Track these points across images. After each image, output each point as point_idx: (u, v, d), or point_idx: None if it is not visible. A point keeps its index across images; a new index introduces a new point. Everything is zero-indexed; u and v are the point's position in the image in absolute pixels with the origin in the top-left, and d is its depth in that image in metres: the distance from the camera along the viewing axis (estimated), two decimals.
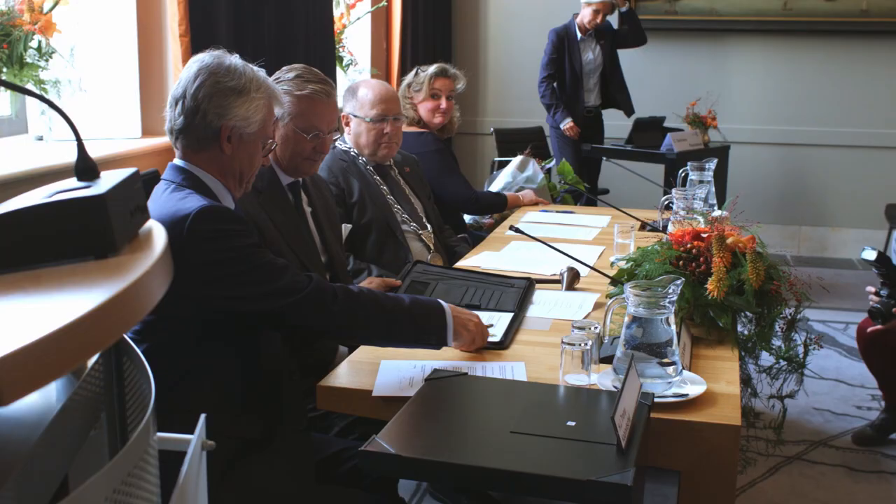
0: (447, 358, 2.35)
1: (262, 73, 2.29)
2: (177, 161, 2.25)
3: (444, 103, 4.52)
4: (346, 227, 3.31)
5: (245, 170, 2.28)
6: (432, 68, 4.57)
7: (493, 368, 2.28)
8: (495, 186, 5.15)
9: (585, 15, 6.63)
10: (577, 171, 6.65)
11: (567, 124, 6.57)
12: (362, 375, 2.27)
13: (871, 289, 3.66)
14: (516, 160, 5.34)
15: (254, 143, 2.26)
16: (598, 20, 6.62)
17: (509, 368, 2.28)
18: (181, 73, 2.25)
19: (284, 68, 2.96)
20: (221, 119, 2.18)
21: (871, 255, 3.54)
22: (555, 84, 6.69)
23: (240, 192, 2.32)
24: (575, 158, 6.64)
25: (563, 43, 6.65)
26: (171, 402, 1.48)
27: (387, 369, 2.27)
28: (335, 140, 3.04)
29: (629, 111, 6.82)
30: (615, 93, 6.83)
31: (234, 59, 2.24)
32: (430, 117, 4.54)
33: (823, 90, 7.29)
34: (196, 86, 2.17)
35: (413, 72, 4.61)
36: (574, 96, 6.68)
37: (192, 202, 2.05)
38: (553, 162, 5.76)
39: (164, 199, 2.11)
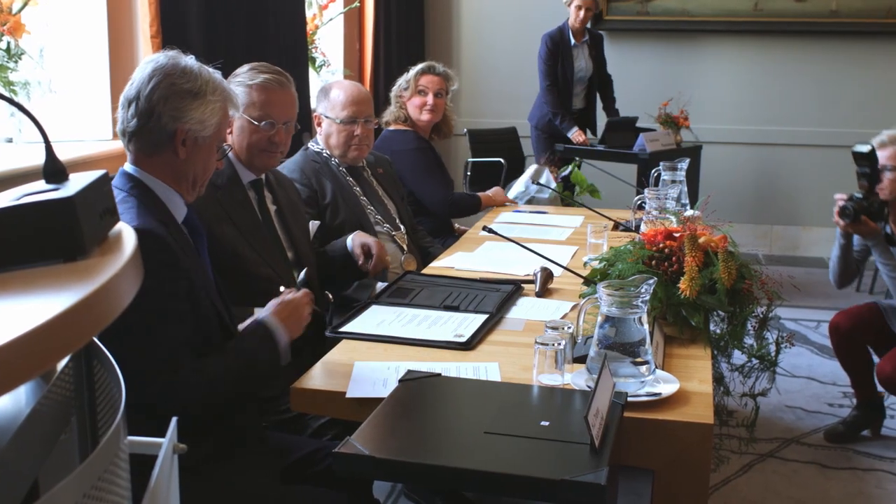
0: (421, 359, 2.36)
1: (217, 74, 2.24)
2: (127, 167, 2.19)
3: (430, 100, 4.49)
4: (313, 224, 3.29)
5: (199, 174, 2.23)
6: (418, 66, 4.56)
7: (466, 369, 2.28)
8: (510, 195, 5.10)
9: (572, 15, 6.56)
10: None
11: (574, 133, 6.53)
12: (336, 377, 2.26)
13: (840, 195, 3.70)
14: (530, 169, 5.29)
15: (208, 147, 2.21)
16: (586, 16, 6.54)
17: (483, 369, 2.28)
18: (134, 73, 2.19)
19: (245, 65, 2.95)
20: (176, 122, 2.13)
21: (864, 147, 3.56)
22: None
23: (192, 197, 2.26)
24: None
25: (558, 48, 6.58)
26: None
27: (361, 371, 2.27)
28: (295, 133, 3.01)
29: (610, 111, 6.84)
30: (603, 97, 6.85)
31: (189, 61, 2.19)
32: (418, 114, 4.52)
33: (794, 90, 7.34)
34: (151, 87, 2.12)
35: (407, 71, 4.60)
36: (565, 102, 6.67)
37: (125, 220, 1.99)
38: (567, 170, 5.72)
39: None
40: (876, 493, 3.53)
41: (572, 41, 6.61)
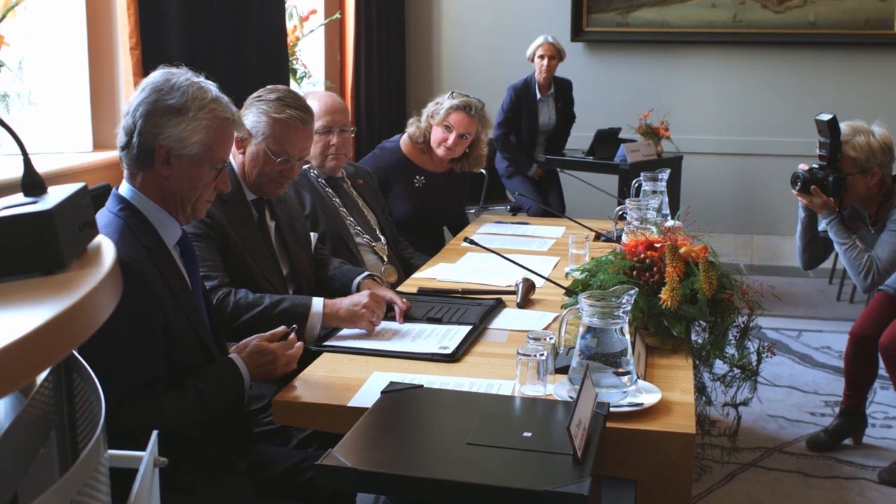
0: (405, 371, 2.36)
1: (212, 92, 2.17)
2: (122, 188, 2.16)
3: (451, 140, 4.30)
4: (313, 236, 3.30)
5: (186, 194, 2.16)
6: (456, 100, 4.31)
7: (459, 384, 2.28)
8: None
9: (538, 67, 6.51)
10: (529, 188, 6.63)
11: (533, 171, 6.60)
12: (317, 389, 2.26)
13: (803, 165, 3.71)
14: None
15: (195, 167, 2.14)
16: (551, 66, 6.49)
17: (467, 384, 2.28)
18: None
19: (269, 87, 2.96)
20: (156, 139, 2.08)
21: (825, 116, 3.55)
22: (511, 137, 6.66)
23: (186, 219, 2.20)
24: (525, 179, 6.62)
25: (522, 102, 6.55)
26: None
27: (376, 380, 2.28)
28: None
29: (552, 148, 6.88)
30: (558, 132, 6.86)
31: (181, 77, 2.13)
32: (436, 146, 4.36)
33: (773, 100, 7.38)
34: (137, 102, 2.09)
35: (449, 92, 4.43)
36: (529, 152, 6.71)
37: None
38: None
39: None
40: (858, 501, 3.54)
41: (538, 95, 6.58)
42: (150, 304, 2.00)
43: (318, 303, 2.72)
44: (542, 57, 6.46)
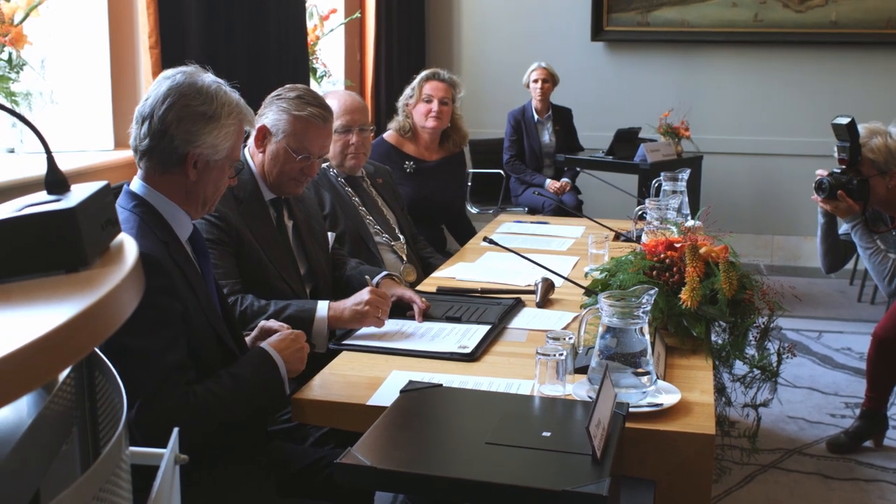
0: (423, 370, 2.36)
1: (234, 95, 2.19)
2: (133, 184, 2.16)
3: (435, 107, 4.46)
4: (330, 236, 3.31)
5: (209, 195, 2.20)
6: (424, 72, 4.54)
7: (478, 384, 2.28)
8: None
9: (533, 91, 6.75)
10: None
11: (549, 183, 6.64)
12: (336, 388, 2.27)
13: (821, 170, 3.69)
14: None
15: (220, 169, 2.18)
16: (545, 89, 6.70)
17: (486, 383, 2.28)
18: (150, 88, 2.15)
19: (288, 86, 2.96)
20: (189, 146, 2.09)
21: (844, 119, 3.53)
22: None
23: (200, 215, 2.25)
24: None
25: (521, 125, 6.77)
26: None
27: (395, 379, 2.28)
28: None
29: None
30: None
31: (206, 79, 2.14)
32: (423, 122, 4.49)
33: (794, 100, 7.35)
34: (165, 108, 2.08)
35: (412, 79, 4.59)
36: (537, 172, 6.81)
37: None
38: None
39: None
40: (879, 503, 3.52)
41: (535, 117, 6.78)
42: (171, 295, 2.02)
43: (322, 307, 2.71)
44: (535, 81, 6.71)
